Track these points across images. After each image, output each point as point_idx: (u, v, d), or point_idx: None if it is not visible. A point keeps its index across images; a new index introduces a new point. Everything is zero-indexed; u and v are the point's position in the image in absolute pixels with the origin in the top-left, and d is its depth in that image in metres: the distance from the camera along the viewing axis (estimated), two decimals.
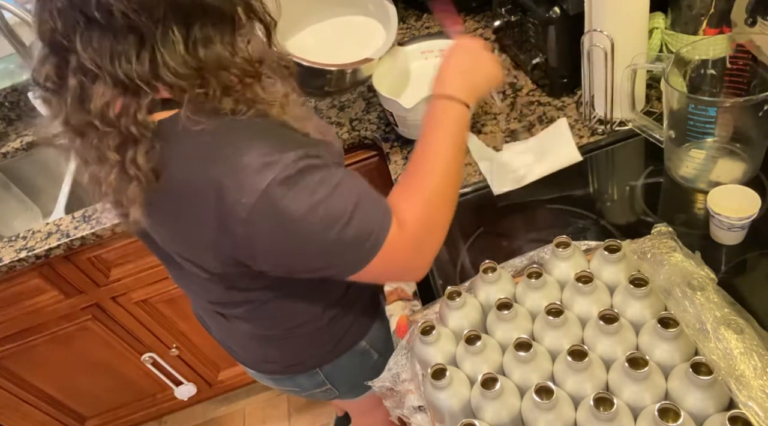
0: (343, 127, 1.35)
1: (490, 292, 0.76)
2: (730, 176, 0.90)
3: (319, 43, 1.21)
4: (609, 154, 1.07)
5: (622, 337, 0.64)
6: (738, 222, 0.79)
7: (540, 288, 0.72)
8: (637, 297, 0.66)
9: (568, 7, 1.03)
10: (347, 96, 1.43)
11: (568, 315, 0.68)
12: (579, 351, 0.62)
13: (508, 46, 1.32)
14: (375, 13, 1.20)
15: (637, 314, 0.66)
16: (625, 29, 0.95)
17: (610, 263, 0.72)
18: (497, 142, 1.15)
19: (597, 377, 0.62)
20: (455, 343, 0.72)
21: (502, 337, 0.71)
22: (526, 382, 0.64)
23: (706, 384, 0.56)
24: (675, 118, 0.90)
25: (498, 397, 0.62)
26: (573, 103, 1.18)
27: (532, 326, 0.71)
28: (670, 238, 0.72)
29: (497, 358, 0.69)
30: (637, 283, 0.66)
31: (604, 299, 0.70)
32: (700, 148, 0.92)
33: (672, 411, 0.55)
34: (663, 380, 0.60)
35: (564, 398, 0.61)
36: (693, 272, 0.66)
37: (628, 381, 0.60)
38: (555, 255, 0.75)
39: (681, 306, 0.62)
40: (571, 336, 0.67)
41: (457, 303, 0.74)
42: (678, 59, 0.90)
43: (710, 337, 0.58)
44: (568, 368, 0.62)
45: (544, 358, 0.66)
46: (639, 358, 0.59)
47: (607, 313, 0.64)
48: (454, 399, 0.66)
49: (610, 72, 0.99)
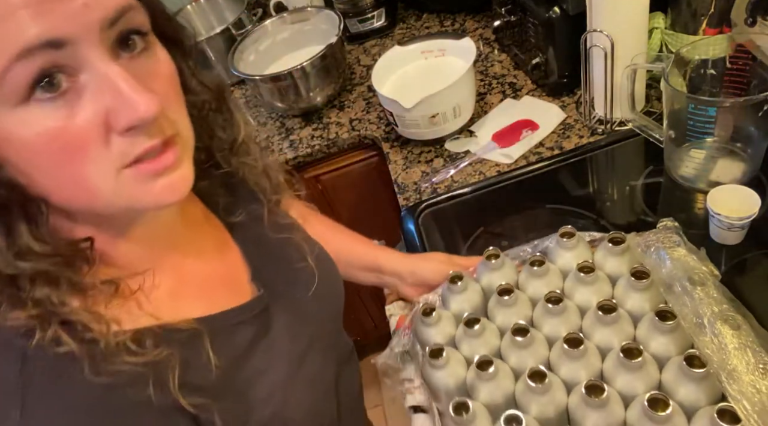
0: (343, 127, 1.35)
1: (492, 277, 0.76)
2: (730, 176, 0.90)
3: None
4: (609, 154, 1.07)
5: (620, 327, 0.64)
6: (738, 222, 0.79)
7: (542, 276, 0.73)
8: (637, 289, 0.66)
9: (568, 7, 1.03)
10: (347, 96, 1.43)
11: (568, 303, 0.68)
12: (575, 339, 0.62)
13: (508, 46, 1.32)
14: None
15: (637, 306, 0.66)
16: (625, 29, 0.95)
17: (614, 255, 0.72)
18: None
19: (592, 365, 0.62)
20: (455, 325, 0.73)
21: (502, 321, 0.71)
22: (521, 366, 0.64)
23: (699, 377, 0.56)
24: (675, 118, 0.90)
25: (492, 379, 0.63)
26: (573, 103, 1.18)
27: (532, 313, 0.71)
28: (675, 233, 0.72)
29: (495, 342, 0.69)
30: (639, 275, 0.67)
31: (605, 290, 0.70)
32: (700, 147, 0.92)
33: (662, 401, 0.55)
34: (657, 371, 0.61)
35: (557, 383, 0.62)
36: (695, 267, 0.66)
37: (622, 370, 0.60)
38: (559, 245, 0.75)
39: (680, 300, 0.62)
40: (569, 324, 0.67)
41: (459, 287, 0.75)
42: (678, 59, 0.90)
43: (706, 331, 0.58)
44: (563, 355, 0.63)
45: (540, 344, 0.66)
46: (634, 348, 0.60)
47: (606, 304, 0.64)
48: (451, 378, 0.67)
49: (610, 72, 0.99)
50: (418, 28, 1.57)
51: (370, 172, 1.39)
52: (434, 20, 1.58)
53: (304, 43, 1.48)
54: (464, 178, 1.11)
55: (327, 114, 1.40)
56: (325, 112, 1.41)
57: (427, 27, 1.56)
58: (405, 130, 1.20)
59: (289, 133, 1.39)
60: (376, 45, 1.55)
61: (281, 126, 1.42)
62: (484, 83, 1.31)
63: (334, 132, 1.34)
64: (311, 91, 1.35)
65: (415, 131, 1.18)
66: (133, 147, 0.42)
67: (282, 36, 1.48)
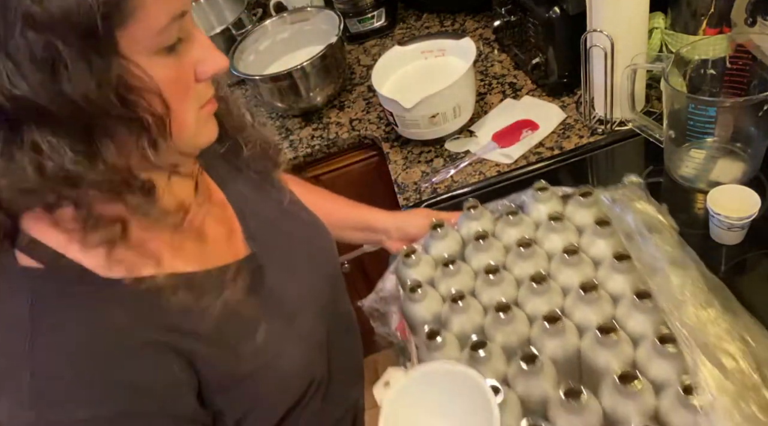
0: (343, 127, 1.35)
1: (471, 226, 0.82)
2: (730, 176, 0.90)
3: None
4: (609, 154, 1.07)
5: (582, 270, 0.71)
6: (738, 222, 0.79)
7: (516, 225, 0.79)
8: (600, 236, 0.73)
9: (568, 7, 1.03)
10: (347, 96, 1.43)
11: (537, 249, 0.75)
12: (541, 277, 0.69)
13: (508, 46, 1.32)
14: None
15: (600, 251, 0.73)
16: (625, 29, 0.95)
17: (583, 207, 0.79)
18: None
19: (554, 301, 0.70)
20: (434, 268, 0.79)
21: (477, 265, 0.77)
22: (491, 302, 0.71)
23: (647, 309, 0.63)
24: (675, 118, 0.90)
25: (465, 312, 0.70)
26: (573, 103, 1.18)
27: (505, 258, 0.77)
28: (640, 189, 0.78)
29: (470, 282, 0.76)
30: (602, 223, 0.73)
31: (572, 237, 0.77)
32: (700, 148, 0.92)
33: (612, 328, 0.61)
34: (611, 306, 0.67)
35: (521, 316, 0.69)
36: (654, 218, 0.73)
37: (580, 304, 0.67)
38: (534, 198, 0.82)
39: (637, 245, 0.69)
40: (538, 266, 0.74)
41: (440, 233, 0.81)
42: (678, 59, 0.90)
43: (658, 272, 0.64)
44: (529, 292, 0.70)
45: (510, 283, 0.73)
46: (589, 284, 0.66)
47: (570, 248, 0.71)
48: (427, 312, 0.74)
49: (610, 72, 0.99)
50: (418, 28, 1.57)
51: (370, 172, 1.39)
52: (434, 20, 1.58)
53: (304, 43, 1.48)
54: (464, 178, 1.11)
55: (327, 114, 1.40)
56: (325, 112, 1.41)
57: (427, 27, 1.56)
58: (405, 130, 1.20)
59: (289, 133, 1.39)
60: (376, 45, 1.56)
61: (281, 126, 1.42)
62: (484, 83, 1.31)
63: (334, 132, 1.34)
64: (311, 91, 1.35)
65: (415, 131, 1.19)
66: (206, 91, 0.53)
67: (282, 36, 1.48)
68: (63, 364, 0.47)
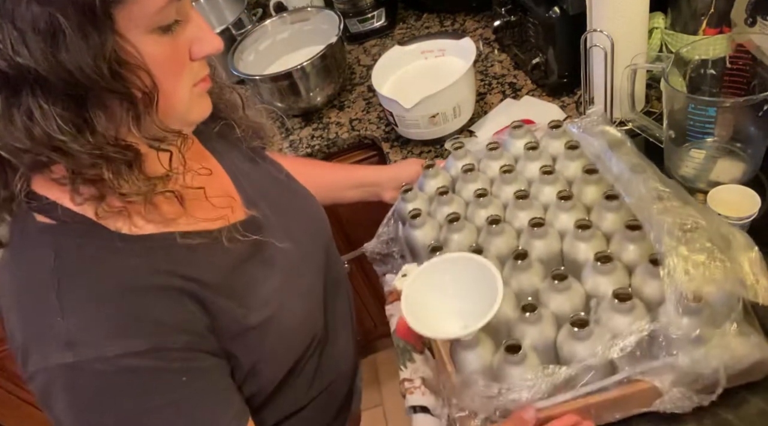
0: (343, 127, 1.35)
1: (458, 165, 0.94)
2: (730, 176, 0.90)
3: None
4: None
5: (557, 186, 0.84)
6: (738, 222, 0.79)
7: (498, 158, 0.93)
8: (571, 158, 0.87)
9: (568, 7, 1.03)
10: (347, 96, 1.43)
11: (518, 175, 0.88)
12: (523, 195, 0.82)
13: (508, 46, 1.32)
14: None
15: (571, 170, 0.87)
16: (625, 29, 0.95)
17: (554, 137, 0.92)
18: None
19: (538, 212, 0.82)
20: (429, 202, 0.92)
21: (467, 194, 0.90)
22: (480, 220, 0.84)
23: (613, 207, 0.76)
24: (675, 118, 0.90)
25: (460, 231, 0.82)
26: (573, 103, 1.18)
27: (491, 187, 0.90)
28: (602, 118, 0.90)
29: (462, 209, 0.88)
30: (571, 147, 0.87)
31: (548, 162, 0.89)
32: (700, 148, 0.92)
33: (608, 257, 0.70)
34: (585, 212, 0.80)
35: (510, 230, 0.81)
36: (615, 136, 0.85)
37: (559, 212, 0.79)
38: (511, 136, 0.95)
39: (603, 161, 0.82)
40: (520, 185, 0.87)
41: (431, 172, 0.94)
42: (678, 59, 0.90)
43: (622, 178, 0.77)
44: (515, 208, 0.83)
45: (497, 206, 0.86)
46: (565, 195, 0.80)
47: (547, 168, 0.85)
48: (427, 236, 0.86)
49: (610, 72, 0.99)
50: (418, 28, 1.57)
51: None
52: (434, 20, 1.58)
53: (304, 43, 1.48)
54: None
55: (327, 114, 1.40)
56: (325, 112, 1.41)
57: (427, 27, 1.56)
58: (405, 130, 1.20)
59: (289, 133, 1.39)
60: (376, 45, 1.56)
61: (281, 126, 1.42)
62: (484, 83, 1.31)
63: (334, 132, 1.34)
64: (311, 91, 1.35)
65: (415, 131, 1.19)
66: (201, 70, 0.56)
67: (282, 36, 1.48)
68: (92, 307, 0.51)
